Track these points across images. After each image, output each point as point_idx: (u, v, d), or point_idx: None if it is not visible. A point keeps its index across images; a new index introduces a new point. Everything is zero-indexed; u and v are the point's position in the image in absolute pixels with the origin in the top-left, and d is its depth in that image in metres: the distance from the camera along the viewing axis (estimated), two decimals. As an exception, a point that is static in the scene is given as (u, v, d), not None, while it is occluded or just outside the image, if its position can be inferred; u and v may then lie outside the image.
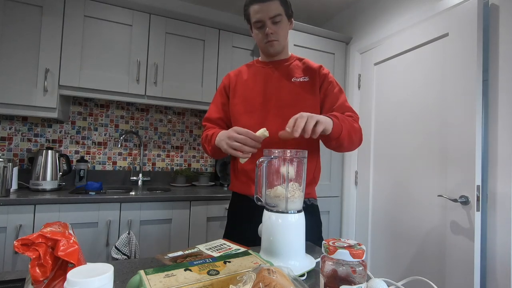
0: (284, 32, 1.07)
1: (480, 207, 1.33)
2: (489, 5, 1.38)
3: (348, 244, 0.51)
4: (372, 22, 2.07)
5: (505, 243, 1.26)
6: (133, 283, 0.53)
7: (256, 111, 1.11)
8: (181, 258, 0.70)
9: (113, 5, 1.87)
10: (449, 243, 1.43)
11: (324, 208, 2.17)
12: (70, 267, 0.48)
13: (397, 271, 1.72)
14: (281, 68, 1.13)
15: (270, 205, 0.75)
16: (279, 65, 1.13)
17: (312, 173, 1.11)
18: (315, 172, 1.12)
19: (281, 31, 1.05)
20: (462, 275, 1.35)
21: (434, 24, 1.58)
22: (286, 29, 1.07)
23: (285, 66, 1.13)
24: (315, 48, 2.16)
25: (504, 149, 1.30)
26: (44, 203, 1.49)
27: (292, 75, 1.11)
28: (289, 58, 1.16)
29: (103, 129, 2.15)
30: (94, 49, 1.83)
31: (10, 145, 1.91)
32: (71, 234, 0.51)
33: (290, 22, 1.09)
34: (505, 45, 1.31)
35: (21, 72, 1.68)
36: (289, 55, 1.17)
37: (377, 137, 1.96)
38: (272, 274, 0.46)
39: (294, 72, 1.11)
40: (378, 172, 1.93)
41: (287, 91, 1.09)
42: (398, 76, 1.81)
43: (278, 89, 1.11)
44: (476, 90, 1.36)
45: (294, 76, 1.11)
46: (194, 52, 2.09)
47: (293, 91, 1.09)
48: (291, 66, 1.13)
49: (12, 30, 1.66)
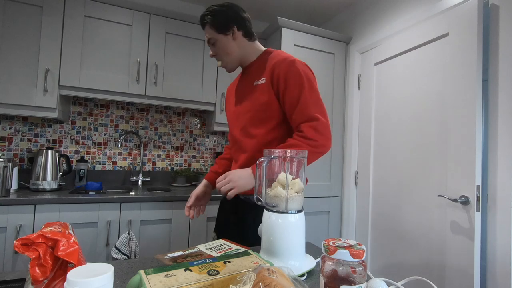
0: (223, 50, 1.10)
1: (480, 207, 1.33)
2: (489, 5, 1.38)
3: (348, 244, 0.51)
4: (372, 22, 2.07)
5: (505, 243, 1.26)
6: (133, 283, 0.53)
7: (230, 122, 1.18)
8: (181, 258, 0.70)
9: (113, 5, 1.87)
10: (449, 243, 1.43)
11: (324, 208, 2.17)
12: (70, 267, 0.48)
13: (397, 271, 1.72)
14: (248, 74, 1.13)
15: (270, 205, 0.75)
16: (246, 71, 1.15)
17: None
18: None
19: (220, 50, 1.10)
20: (462, 275, 1.35)
21: (434, 24, 1.58)
22: (226, 45, 1.09)
23: (250, 70, 1.13)
24: (315, 48, 2.16)
25: (504, 149, 1.30)
26: (44, 203, 1.49)
27: (254, 78, 1.09)
28: (256, 59, 1.12)
29: (103, 129, 2.15)
30: (94, 49, 1.83)
31: (10, 145, 1.91)
32: (71, 234, 0.51)
33: (230, 33, 1.08)
34: (505, 45, 1.31)
35: (21, 72, 1.68)
36: (256, 57, 1.13)
37: (377, 137, 1.96)
38: (272, 274, 0.46)
39: (257, 75, 1.09)
40: (378, 172, 1.93)
41: (248, 98, 1.09)
42: (398, 76, 1.81)
43: (242, 97, 1.12)
44: (476, 90, 1.36)
45: (255, 79, 1.08)
46: (194, 52, 2.09)
47: (252, 97, 1.07)
48: (256, 68, 1.10)
49: (12, 30, 1.66)
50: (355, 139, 2.15)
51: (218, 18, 1.07)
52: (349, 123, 2.21)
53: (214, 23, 1.07)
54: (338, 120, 2.24)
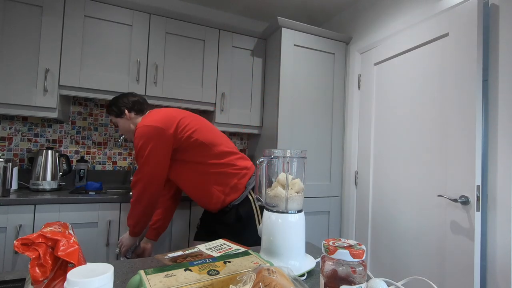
0: (122, 129, 1.51)
1: (480, 207, 1.33)
2: (489, 5, 1.38)
3: (348, 244, 0.51)
4: (372, 22, 2.07)
5: (505, 243, 1.26)
6: (133, 283, 0.53)
7: None
8: (181, 258, 0.70)
9: (113, 5, 1.87)
10: (449, 243, 1.43)
11: (324, 208, 2.17)
12: (70, 267, 0.48)
13: (397, 271, 1.73)
14: None
15: (270, 205, 0.75)
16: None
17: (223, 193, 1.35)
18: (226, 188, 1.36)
19: (120, 130, 1.52)
20: (462, 275, 1.35)
21: (434, 24, 1.58)
22: (123, 124, 1.49)
23: None
24: (315, 48, 2.16)
25: (504, 149, 1.30)
26: (44, 203, 1.49)
27: None
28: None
29: (103, 129, 2.15)
30: (94, 49, 1.83)
31: (10, 145, 1.91)
32: (71, 234, 0.51)
33: (125, 115, 1.47)
34: (505, 45, 1.31)
35: (21, 72, 1.68)
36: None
37: (377, 137, 1.96)
38: (272, 274, 0.46)
39: None
40: (378, 172, 1.93)
41: None
42: (398, 76, 1.81)
43: None
44: (476, 90, 1.36)
45: None
46: (194, 52, 2.09)
47: None
48: None
49: (12, 30, 1.66)
50: (355, 139, 2.15)
51: (114, 109, 1.49)
52: (349, 123, 2.21)
53: (112, 112, 1.50)
54: (338, 120, 2.24)
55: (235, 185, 1.35)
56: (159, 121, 1.30)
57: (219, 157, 1.35)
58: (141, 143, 1.27)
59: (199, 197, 1.39)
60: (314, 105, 2.16)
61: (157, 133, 1.27)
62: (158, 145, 1.27)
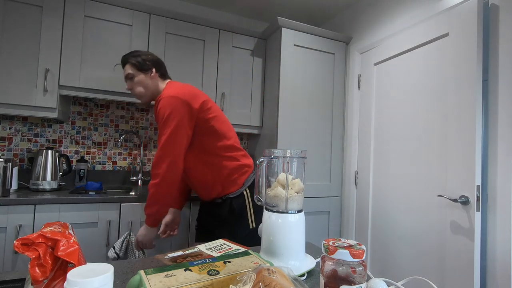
0: (139, 85, 1.39)
1: (480, 207, 1.33)
2: (489, 5, 1.38)
3: (348, 244, 0.51)
4: (372, 22, 2.07)
5: (505, 243, 1.26)
6: (133, 283, 0.53)
7: None
8: (181, 258, 0.70)
9: (113, 5, 1.87)
10: (449, 243, 1.43)
11: (324, 208, 2.17)
12: (70, 267, 0.48)
13: (397, 271, 1.73)
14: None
15: (270, 205, 0.75)
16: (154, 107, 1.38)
17: (222, 185, 1.35)
18: (223, 178, 1.35)
19: (135, 85, 1.40)
20: (462, 275, 1.35)
21: (434, 24, 1.58)
22: (141, 82, 1.39)
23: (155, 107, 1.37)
24: (315, 48, 2.16)
25: (504, 149, 1.30)
26: (44, 203, 1.49)
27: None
28: (156, 100, 1.33)
29: (103, 129, 2.15)
30: (94, 49, 1.83)
31: (10, 145, 1.91)
32: (71, 234, 0.51)
33: (147, 73, 1.38)
34: (505, 45, 1.31)
35: (21, 72, 1.68)
36: (157, 97, 1.34)
37: (377, 137, 1.96)
38: (272, 274, 0.46)
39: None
40: (378, 172, 1.93)
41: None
42: (398, 76, 1.81)
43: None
44: (476, 90, 1.36)
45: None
46: (194, 52, 2.09)
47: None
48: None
49: (12, 30, 1.66)
50: (355, 139, 2.15)
51: (138, 62, 1.38)
52: (349, 123, 2.21)
53: (135, 65, 1.38)
54: (338, 120, 2.24)
55: (235, 180, 1.36)
56: (187, 94, 1.28)
57: (227, 150, 1.35)
58: (168, 113, 1.24)
59: (197, 184, 1.39)
60: (314, 105, 2.16)
61: (185, 107, 1.26)
62: (186, 119, 1.26)
